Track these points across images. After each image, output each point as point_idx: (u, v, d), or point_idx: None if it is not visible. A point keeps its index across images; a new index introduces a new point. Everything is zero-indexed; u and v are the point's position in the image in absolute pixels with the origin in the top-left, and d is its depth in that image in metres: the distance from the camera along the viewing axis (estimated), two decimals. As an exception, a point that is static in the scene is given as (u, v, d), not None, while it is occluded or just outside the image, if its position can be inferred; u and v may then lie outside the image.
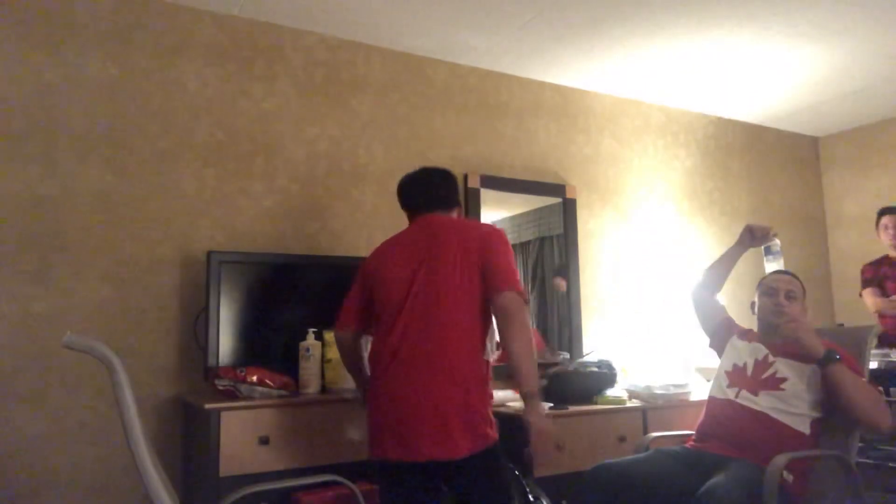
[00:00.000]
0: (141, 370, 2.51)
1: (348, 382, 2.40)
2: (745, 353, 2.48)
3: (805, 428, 2.23)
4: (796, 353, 2.34)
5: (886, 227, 3.75)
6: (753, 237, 2.73)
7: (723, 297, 2.83)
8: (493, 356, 2.05)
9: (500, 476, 1.92)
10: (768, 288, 2.52)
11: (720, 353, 2.61)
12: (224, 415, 2.18)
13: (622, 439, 2.77)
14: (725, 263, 2.75)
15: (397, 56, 3.26)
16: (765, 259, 2.73)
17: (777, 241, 2.71)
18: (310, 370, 2.45)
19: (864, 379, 2.25)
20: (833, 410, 2.25)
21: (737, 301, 3.52)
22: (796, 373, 2.31)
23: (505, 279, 1.92)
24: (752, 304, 2.58)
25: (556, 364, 3.21)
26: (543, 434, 1.85)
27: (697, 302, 2.75)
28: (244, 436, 2.19)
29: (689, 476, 2.14)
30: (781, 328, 2.35)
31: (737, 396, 2.37)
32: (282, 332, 2.60)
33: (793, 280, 2.53)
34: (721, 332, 2.65)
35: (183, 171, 2.71)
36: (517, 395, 2.99)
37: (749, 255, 2.77)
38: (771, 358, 2.39)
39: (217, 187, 2.77)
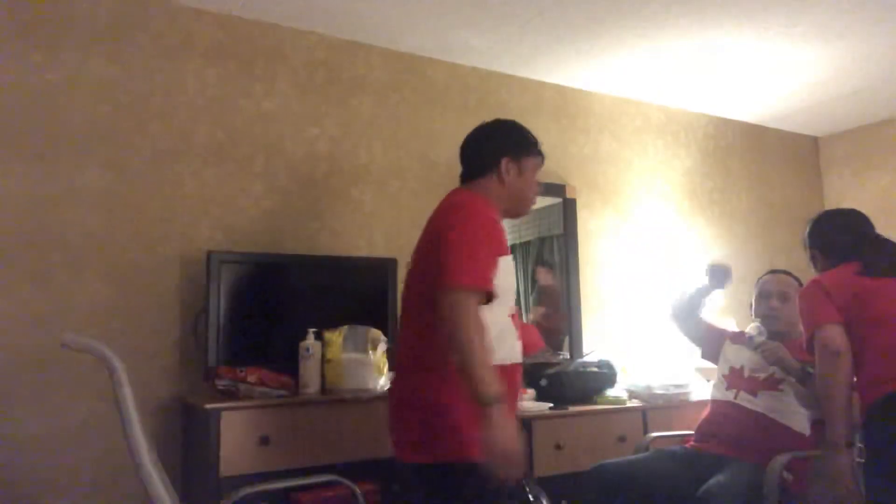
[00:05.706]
0: (141, 370, 2.50)
1: (348, 382, 2.41)
2: (741, 356, 2.48)
3: (806, 428, 2.23)
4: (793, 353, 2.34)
5: None
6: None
7: (726, 295, 2.81)
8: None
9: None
10: (761, 290, 2.51)
11: (715, 361, 2.61)
12: (224, 415, 2.18)
13: (622, 439, 2.77)
14: (693, 304, 2.70)
15: (397, 56, 3.26)
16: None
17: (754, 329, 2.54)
18: (310, 370, 2.45)
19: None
20: None
21: (737, 300, 3.53)
22: None
23: (442, 275, 1.59)
24: (750, 305, 2.57)
25: (556, 364, 3.21)
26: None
27: (678, 323, 2.75)
28: (244, 436, 2.20)
29: (688, 476, 2.14)
30: (763, 356, 2.33)
31: (736, 398, 2.37)
32: (282, 332, 2.59)
33: (786, 279, 2.51)
34: (709, 344, 2.65)
35: (183, 171, 2.71)
36: (522, 396, 3.00)
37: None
38: (769, 358, 2.39)
39: (217, 187, 2.77)
